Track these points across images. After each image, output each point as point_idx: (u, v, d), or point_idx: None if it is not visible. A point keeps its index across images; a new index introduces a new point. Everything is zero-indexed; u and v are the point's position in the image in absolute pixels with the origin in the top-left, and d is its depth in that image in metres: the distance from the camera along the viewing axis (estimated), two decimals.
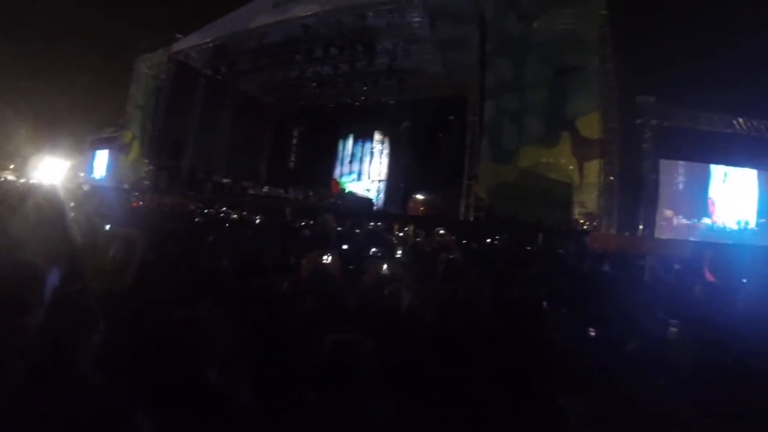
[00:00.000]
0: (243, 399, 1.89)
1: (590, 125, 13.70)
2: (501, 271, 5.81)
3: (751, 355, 2.19)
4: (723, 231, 15.19)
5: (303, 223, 10.82)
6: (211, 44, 21.40)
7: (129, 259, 3.01)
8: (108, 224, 4.80)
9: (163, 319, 1.97)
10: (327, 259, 3.82)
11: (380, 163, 24.70)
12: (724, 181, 15.57)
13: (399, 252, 6.63)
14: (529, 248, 10.10)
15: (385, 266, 3.78)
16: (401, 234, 10.03)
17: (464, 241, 9.38)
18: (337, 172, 25.87)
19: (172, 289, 2.72)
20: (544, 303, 3.91)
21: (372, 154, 25.04)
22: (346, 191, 22.37)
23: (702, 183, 15.59)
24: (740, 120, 15.32)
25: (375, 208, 20.95)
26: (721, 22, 14.64)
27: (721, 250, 10.85)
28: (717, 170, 15.63)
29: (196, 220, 10.17)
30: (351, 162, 25.68)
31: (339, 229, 10.05)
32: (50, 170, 23.21)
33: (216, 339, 1.92)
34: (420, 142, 21.78)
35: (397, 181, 22.46)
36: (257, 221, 11.84)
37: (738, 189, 15.49)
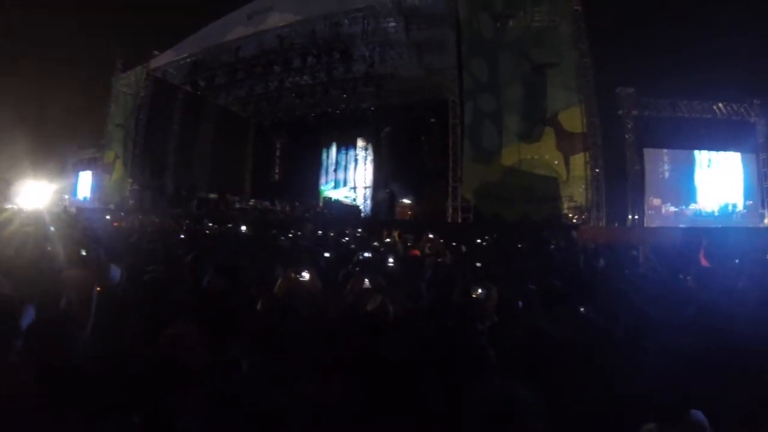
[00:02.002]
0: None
1: (572, 119, 13.78)
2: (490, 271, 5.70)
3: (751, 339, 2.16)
4: (711, 215, 15.26)
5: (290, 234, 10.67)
6: (188, 59, 21.20)
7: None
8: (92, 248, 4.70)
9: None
10: (305, 276, 3.71)
11: (365, 169, 24.61)
12: (708, 166, 15.65)
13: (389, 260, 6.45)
14: (519, 246, 9.99)
15: (366, 280, 3.66)
16: (388, 240, 9.90)
17: (453, 244, 9.28)
18: (321, 180, 25.80)
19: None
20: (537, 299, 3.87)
21: (356, 161, 24.95)
22: (332, 200, 22.23)
23: (687, 169, 15.66)
24: (720, 105, 15.41)
25: (362, 214, 20.81)
26: (695, 9, 14.72)
27: (713, 234, 10.86)
28: (701, 156, 15.69)
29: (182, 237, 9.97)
30: (335, 170, 25.58)
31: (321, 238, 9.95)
32: (34, 195, 22.87)
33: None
34: (403, 146, 21.66)
35: (383, 186, 22.31)
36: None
37: (723, 173, 15.57)
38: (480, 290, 3.52)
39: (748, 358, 2.05)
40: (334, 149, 25.82)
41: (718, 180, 15.57)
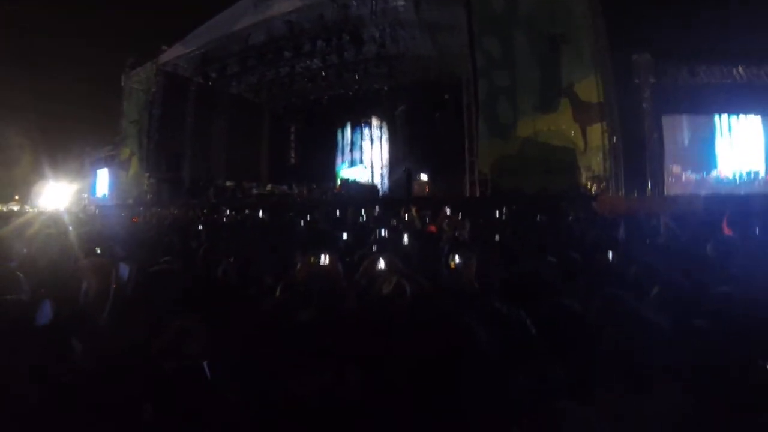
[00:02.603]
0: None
1: (589, 89, 13.59)
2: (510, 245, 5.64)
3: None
4: (733, 182, 14.95)
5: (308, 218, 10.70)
6: (197, 52, 21.27)
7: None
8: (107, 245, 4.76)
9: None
10: (324, 260, 3.64)
11: (380, 148, 24.63)
12: (729, 131, 15.30)
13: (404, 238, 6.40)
14: (538, 218, 9.90)
15: (381, 261, 3.59)
16: (406, 217, 9.87)
17: (471, 218, 9.22)
18: (337, 161, 25.88)
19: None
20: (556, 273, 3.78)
21: (372, 139, 24.96)
22: (349, 180, 22.27)
23: (707, 136, 15.33)
24: (740, 68, 15.02)
25: (380, 193, 20.82)
26: None
27: (736, 201, 10.65)
28: (721, 121, 15.34)
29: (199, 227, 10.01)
30: (351, 150, 25.65)
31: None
32: (55, 196, 23.33)
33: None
34: (418, 124, 21.64)
35: (399, 164, 22.26)
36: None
37: (744, 138, 15.23)
38: (458, 260, 3.52)
39: None
40: (348, 129, 25.88)
41: (739, 146, 15.21)
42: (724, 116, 15.29)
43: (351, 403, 1.75)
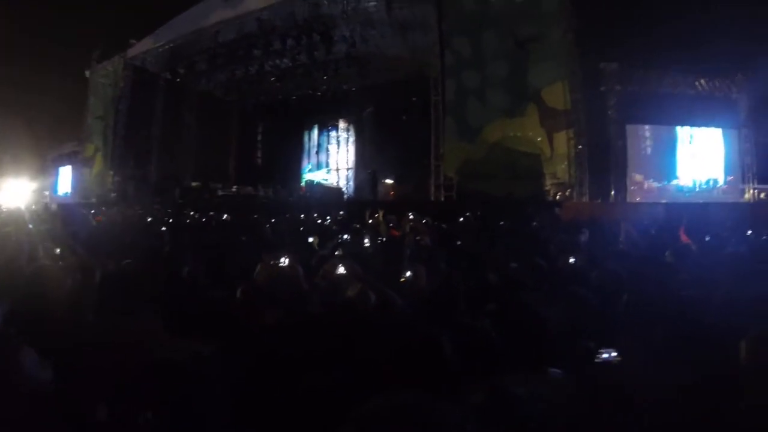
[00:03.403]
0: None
1: (556, 95, 13.72)
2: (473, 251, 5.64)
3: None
4: (692, 191, 15.33)
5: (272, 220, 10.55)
6: (166, 47, 20.84)
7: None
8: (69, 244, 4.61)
9: None
10: (284, 262, 3.62)
11: (347, 150, 24.53)
12: (690, 142, 15.67)
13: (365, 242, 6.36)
14: (502, 223, 9.94)
15: (341, 266, 3.59)
16: (371, 221, 9.78)
17: (434, 223, 9.21)
18: (304, 163, 25.70)
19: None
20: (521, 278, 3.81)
21: (338, 142, 24.86)
22: (315, 182, 22.10)
23: (669, 145, 15.67)
24: (702, 81, 15.41)
25: (345, 196, 20.70)
26: None
27: (693, 210, 10.90)
28: (683, 132, 15.71)
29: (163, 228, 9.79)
30: (317, 153, 25.49)
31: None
32: (14, 193, 22.56)
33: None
34: (385, 126, 21.53)
35: (365, 167, 22.18)
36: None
37: (704, 149, 15.61)
38: (408, 273, 3.57)
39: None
40: (315, 131, 25.69)
41: (699, 156, 15.60)
42: (686, 127, 15.63)
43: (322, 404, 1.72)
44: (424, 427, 0.84)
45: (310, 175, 24.58)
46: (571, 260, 4.59)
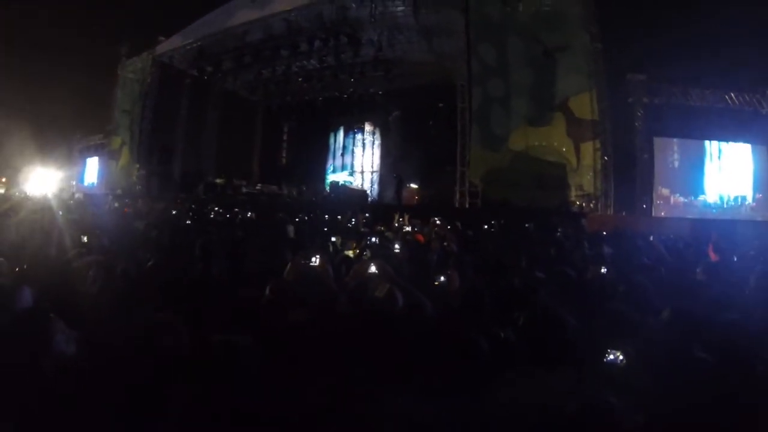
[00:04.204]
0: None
1: (583, 105, 13.65)
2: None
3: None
4: (720, 207, 15.08)
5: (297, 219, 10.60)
6: (194, 45, 21.06)
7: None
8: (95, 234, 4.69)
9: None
10: (314, 261, 3.63)
11: (372, 153, 24.63)
12: (719, 157, 15.43)
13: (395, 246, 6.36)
14: (526, 232, 9.90)
15: (372, 266, 3.60)
16: (397, 225, 9.83)
17: (459, 229, 9.20)
18: (328, 164, 25.80)
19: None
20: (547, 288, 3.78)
21: (363, 145, 24.96)
22: (339, 184, 22.19)
23: (697, 160, 15.44)
24: (732, 94, 15.17)
25: (369, 199, 20.75)
26: None
27: (722, 227, 10.71)
28: (711, 146, 15.47)
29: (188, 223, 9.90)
30: (342, 154, 25.57)
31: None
32: (42, 181, 22.99)
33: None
34: (411, 130, 21.60)
35: (390, 171, 22.23)
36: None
37: (733, 164, 15.36)
38: (442, 278, 3.66)
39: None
40: (341, 133, 25.79)
41: (727, 172, 15.33)
42: (714, 141, 15.39)
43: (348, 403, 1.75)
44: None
45: (333, 176, 24.74)
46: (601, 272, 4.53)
